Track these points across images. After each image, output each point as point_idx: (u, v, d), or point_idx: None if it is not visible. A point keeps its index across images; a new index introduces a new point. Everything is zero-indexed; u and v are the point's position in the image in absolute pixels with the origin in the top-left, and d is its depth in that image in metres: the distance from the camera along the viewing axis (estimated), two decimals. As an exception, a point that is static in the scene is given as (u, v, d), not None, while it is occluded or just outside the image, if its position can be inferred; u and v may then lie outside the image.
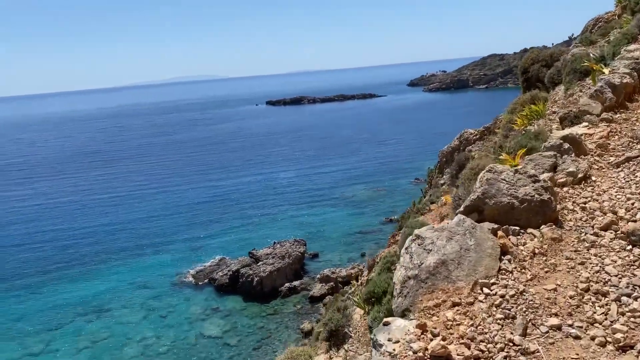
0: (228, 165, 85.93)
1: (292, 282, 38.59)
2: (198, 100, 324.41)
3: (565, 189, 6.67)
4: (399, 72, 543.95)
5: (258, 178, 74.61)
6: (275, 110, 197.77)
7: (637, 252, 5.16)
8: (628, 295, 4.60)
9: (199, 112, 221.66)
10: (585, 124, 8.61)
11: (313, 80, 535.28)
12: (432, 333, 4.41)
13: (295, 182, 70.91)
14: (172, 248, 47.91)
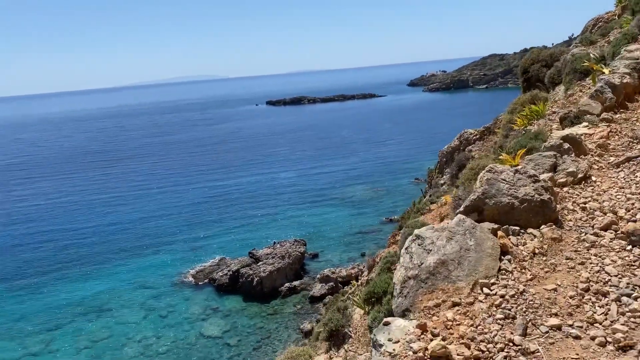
0: (228, 165, 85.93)
1: (292, 282, 38.58)
2: (198, 100, 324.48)
3: (565, 189, 6.67)
4: (399, 72, 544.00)
5: (258, 178, 74.61)
6: (275, 110, 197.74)
7: (637, 252, 5.16)
8: (628, 295, 4.60)
9: (199, 112, 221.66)
10: (586, 124, 8.61)
11: (313, 81, 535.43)
12: (432, 333, 4.41)
13: (295, 182, 70.91)
14: (172, 248, 47.91)
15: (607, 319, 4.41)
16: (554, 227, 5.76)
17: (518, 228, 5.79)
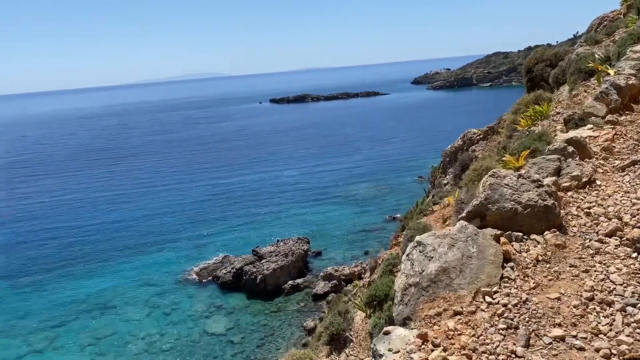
0: (232, 163, 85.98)
1: (295, 279, 38.59)
2: (202, 98, 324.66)
3: (570, 194, 6.57)
4: (403, 70, 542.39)
5: (261, 176, 74.64)
6: (279, 108, 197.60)
7: (642, 259, 5.06)
8: (633, 305, 4.50)
9: (203, 109, 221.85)
10: (590, 126, 8.49)
11: (317, 78, 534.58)
12: (433, 343, 4.34)
13: (299, 179, 70.90)
14: (176, 245, 48.02)
15: (611, 330, 4.33)
16: (558, 233, 5.67)
17: (521, 234, 5.70)
